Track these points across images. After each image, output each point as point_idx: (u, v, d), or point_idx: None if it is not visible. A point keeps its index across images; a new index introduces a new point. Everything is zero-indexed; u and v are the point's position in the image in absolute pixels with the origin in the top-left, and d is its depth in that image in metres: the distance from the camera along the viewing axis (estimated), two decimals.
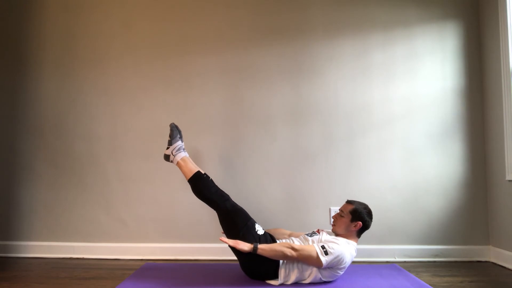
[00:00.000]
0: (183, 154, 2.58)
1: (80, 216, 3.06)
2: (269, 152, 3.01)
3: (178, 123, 2.74)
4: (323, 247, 2.21)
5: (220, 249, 2.89)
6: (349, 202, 2.44)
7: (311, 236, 2.39)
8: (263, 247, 2.22)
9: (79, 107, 3.12)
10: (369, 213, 2.39)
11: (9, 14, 3.21)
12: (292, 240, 2.38)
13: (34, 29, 3.18)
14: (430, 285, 2.29)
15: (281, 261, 2.27)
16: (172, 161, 2.60)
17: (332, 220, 2.46)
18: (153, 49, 3.11)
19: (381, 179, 2.95)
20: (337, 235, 2.39)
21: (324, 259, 2.18)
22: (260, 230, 2.40)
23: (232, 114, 3.05)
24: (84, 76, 3.13)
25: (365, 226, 2.38)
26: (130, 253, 3.00)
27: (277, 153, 3.01)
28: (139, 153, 3.06)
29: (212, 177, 2.56)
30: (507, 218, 2.69)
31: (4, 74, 3.18)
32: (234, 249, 2.29)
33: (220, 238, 2.29)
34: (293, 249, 2.20)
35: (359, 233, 2.39)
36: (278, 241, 2.37)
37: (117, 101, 3.10)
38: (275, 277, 2.28)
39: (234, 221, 2.39)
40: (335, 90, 3.02)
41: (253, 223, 2.41)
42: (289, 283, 2.27)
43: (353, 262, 2.54)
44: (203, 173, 2.52)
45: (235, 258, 2.41)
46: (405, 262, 2.87)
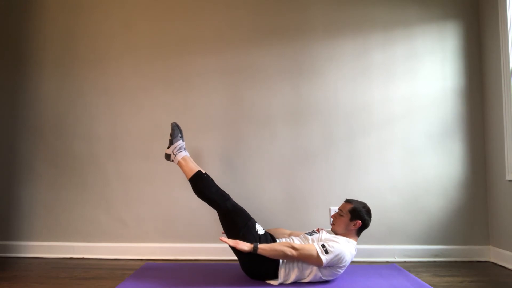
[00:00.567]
0: (184, 154, 2.58)
1: (80, 216, 3.06)
2: (269, 152, 3.01)
3: (178, 123, 2.74)
4: (323, 245, 2.21)
5: (220, 249, 2.90)
6: (348, 201, 2.44)
7: (311, 235, 2.40)
8: (263, 246, 2.22)
9: (79, 107, 3.12)
10: (368, 211, 2.40)
11: (9, 14, 3.21)
12: (292, 239, 2.38)
13: (34, 29, 3.18)
14: (430, 285, 2.29)
15: (281, 261, 2.27)
16: (173, 160, 2.60)
17: (332, 219, 2.46)
18: (153, 49, 3.11)
19: (381, 179, 2.95)
20: (336, 234, 2.39)
21: (324, 258, 2.18)
22: (260, 230, 2.40)
23: (232, 114, 3.05)
24: (84, 76, 3.13)
25: (364, 225, 2.38)
26: (130, 253, 3.00)
27: (277, 153, 3.01)
28: (139, 153, 3.06)
29: (212, 176, 2.55)
30: (507, 218, 2.69)
31: (4, 74, 3.18)
32: (234, 249, 2.29)
33: (220, 238, 2.29)
34: (293, 248, 2.20)
35: (358, 231, 2.40)
36: (278, 241, 2.37)
37: (117, 101, 3.10)
38: (275, 277, 2.28)
39: (235, 221, 2.39)
40: (335, 90, 3.02)
41: (253, 223, 2.41)
42: (288, 282, 2.27)
43: (353, 262, 2.55)
44: (203, 172, 2.52)
45: (235, 258, 2.41)
46: (405, 262, 2.87)
